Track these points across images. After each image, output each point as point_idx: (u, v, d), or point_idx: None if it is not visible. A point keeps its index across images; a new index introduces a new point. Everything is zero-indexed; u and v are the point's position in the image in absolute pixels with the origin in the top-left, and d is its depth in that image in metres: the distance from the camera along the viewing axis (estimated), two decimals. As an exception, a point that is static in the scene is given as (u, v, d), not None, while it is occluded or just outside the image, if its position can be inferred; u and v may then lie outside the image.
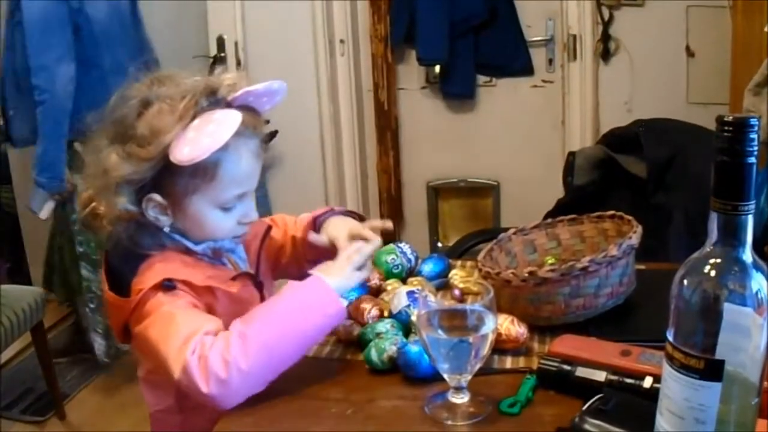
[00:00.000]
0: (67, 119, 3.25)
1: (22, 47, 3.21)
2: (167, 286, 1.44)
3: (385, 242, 1.73)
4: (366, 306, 1.61)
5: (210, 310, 1.50)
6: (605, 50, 3.87)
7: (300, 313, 1.41)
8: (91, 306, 3.66)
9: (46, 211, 3.40)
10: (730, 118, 0.90)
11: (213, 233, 1.54)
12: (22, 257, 4.40)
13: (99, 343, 3.71)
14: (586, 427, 1.17)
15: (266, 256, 1.72)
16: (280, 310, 1.41)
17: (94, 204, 1.51)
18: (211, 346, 1.34)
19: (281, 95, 1.54)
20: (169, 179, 1.45)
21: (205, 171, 1.43)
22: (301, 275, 1.56)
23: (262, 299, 1.61)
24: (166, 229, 1.51)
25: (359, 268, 1.52)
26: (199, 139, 1.39)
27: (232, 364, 1.32)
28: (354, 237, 1.63)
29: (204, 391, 1.32)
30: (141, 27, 3.66)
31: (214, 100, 1.46)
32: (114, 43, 3.40)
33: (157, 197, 1.46)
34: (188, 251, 1.54)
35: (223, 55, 3.99)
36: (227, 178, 1.46)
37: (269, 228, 1.74)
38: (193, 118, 1.42)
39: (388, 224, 1.75)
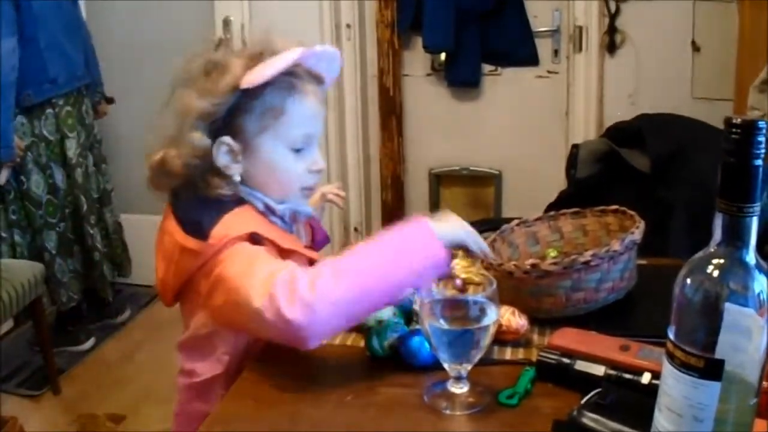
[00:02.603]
0: (13, 90, 3.37)
1: None
2: (255, 239, 1.47)
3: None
4: None
5: None
6: (611, 43, 3.86)
7: (398, 253, 1.38)
8: None
9: (2, 177, 3.47)
10: (738, 120, 0.90)
11: (283, 178, 1.57)
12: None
13: None
14: (584, 420, 1.18)
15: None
16: (378, 248, 1.40)
17: (163, 152, 1.52)
18: (302, 274, 1.33)
19: (338, 63, 1.62)
20: (239, 118, 1.51)
21: (273, 109, 1.51)
22: None
23: None
24: (237, 178, 1.53)
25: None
26: (267, 66, 1.48)
27: (321, 292, 1.31)
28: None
29: (288, 316, 1.29)
30: (77, 7, 3.84)
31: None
32: (51, 21, 3.54)
33: (228, 140, 1.51)
34: (265, 212, 1.56)
35: (228, 36, 3.99)
36: (294, 116, 1.52)
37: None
38: (258, 60, 1.50)
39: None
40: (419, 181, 4.37)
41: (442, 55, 4.13)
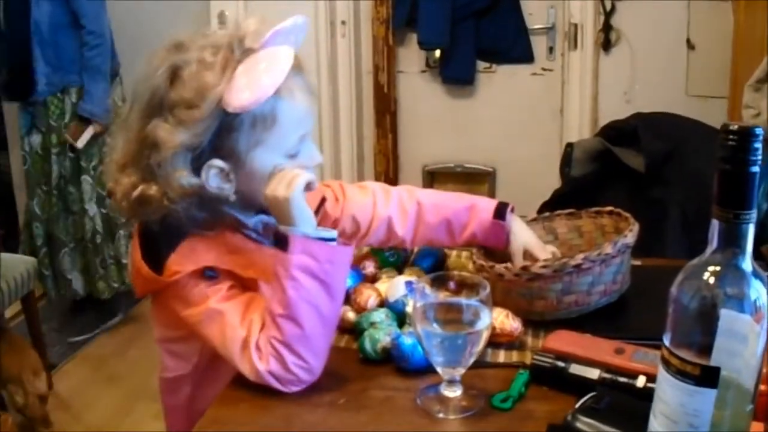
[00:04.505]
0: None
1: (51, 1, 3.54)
2: (209, 275, 1.39)
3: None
4: (367, 293, 1.60)
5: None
6: (606, 40, 3.87)
7: (319, 284, 1.35)
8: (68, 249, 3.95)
9: (83, 140, 3.70)
10: (735, 126, 0.89)
11: None
12: (15, 224, 4.40)
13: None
14: (578, 425, 1.17)
15: None
16: (305, 294, 1.35)
17: (141, 187, 1.37)
18: (275, 357, 1.34)
19: (305, 31, 1.45)
20: (227, 139, 1.36)
21: (264, 119, 1.36)
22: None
23: None
24: (232, 198, 1.40)
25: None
26: (256, 81, 1.32)
27: (296, 369, 1.34)
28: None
29: (287, 391, 1.36)
30: None
31: (244, 49, 1.36)
32: None
33: (218, 162, 1.37)
34: (237, 228, 1.47)
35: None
36: (287, 121, 1.39)
37: (323, 200, 1.63)
38: (235, 68, 1.34)
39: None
40: (413, 178, 4.36)
41: (437, 52, 4.14)
